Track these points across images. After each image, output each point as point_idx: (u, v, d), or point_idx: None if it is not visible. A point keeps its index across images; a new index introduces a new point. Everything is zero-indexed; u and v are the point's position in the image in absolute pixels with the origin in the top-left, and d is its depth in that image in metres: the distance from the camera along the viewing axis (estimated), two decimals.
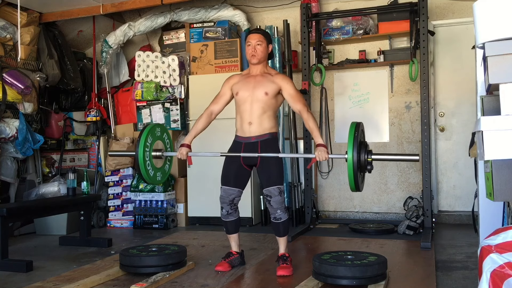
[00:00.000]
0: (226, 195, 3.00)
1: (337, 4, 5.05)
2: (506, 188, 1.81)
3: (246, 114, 2.96)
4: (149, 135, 2.96)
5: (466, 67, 4.61)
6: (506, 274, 1.60)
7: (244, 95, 2.96)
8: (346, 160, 2.60)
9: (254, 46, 2.96)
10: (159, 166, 3.08)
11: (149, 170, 2.96)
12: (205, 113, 3.08)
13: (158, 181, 3.10)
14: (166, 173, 3.18)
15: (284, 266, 2.91)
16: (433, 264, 3.08)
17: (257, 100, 2.93)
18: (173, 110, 4.97)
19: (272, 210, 2.94)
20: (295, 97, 2.94)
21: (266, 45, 2.99)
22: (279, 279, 2.80)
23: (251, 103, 2.94)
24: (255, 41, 2.96)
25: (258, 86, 2.94)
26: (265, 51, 2.99)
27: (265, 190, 2.93)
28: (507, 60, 1.79)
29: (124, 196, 4.96)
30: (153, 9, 5.32)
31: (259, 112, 2.94)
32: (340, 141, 5.07)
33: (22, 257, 3.50)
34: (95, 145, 5.40)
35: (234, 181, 3.01)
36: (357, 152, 2.57)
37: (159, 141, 3.09)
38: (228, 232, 3.11)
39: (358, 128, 2.66)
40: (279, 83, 2.95)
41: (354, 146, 2.58)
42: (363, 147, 2.63)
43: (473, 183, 2.82)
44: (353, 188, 2.64)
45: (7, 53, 4.52)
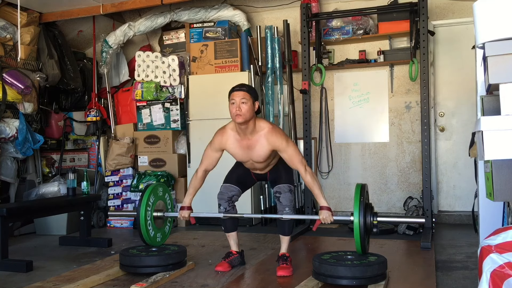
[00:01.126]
0: (226, 191, 3.03)
1: (337, 4, 5.05)
2: (506, 188, 1.81)
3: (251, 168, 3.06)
4: (151, 195, 3.00)
5: (466, 67, 4.61)
6: (506, 274, 1.60)
7: (243, 158, 2.96)
8: (352, 223, 2.64)
9: (239, 104, 2.75)
10: (159, 227, 3.12)
11: (149, 231, 2.99)
12: (199, 173, 3.03)
13: (158, 242, 3.10)
14: (166, 235, 3.22)
15: (284, 266, 2.91)
16: (433, 264, 3.08)
17: (257, 160, 2.93)
18: (173, 110, 4.97)
19: (280, 207, 2.93)
20: (292, 158, 2.83)
21: (252, 103, 2.78)
22: (279, 279, 2.80)
23: (252, 163, 2.98)
24: (239, 99, 2.76)
25: (253, 154, 2.89)
26: (251, 109, 2.78)
27: (275, 187, 2.96)
28: (507, 60, 1.79)
29: (124, 196, 4.96)
30: (153, 9, 5.32)
31: (261, 166, 3.00)
32: (340, 141, 5.07)
33: (22, 257, 3.50)
34: (95, 145, 5.40)
35: (237, 181, 3.05)
36: (363, 216, 2.59)
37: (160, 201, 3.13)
38: (226, 230, 3.11)
39: (364, 191, 2.68)
40: (272, 144, 2.82)
41: (360, 210, 2.60)
42: (368, 210, 2.65)
43: (473, 183, 2.82)
44: (359, 251, 2.67)
45: (7, 53, 4.52)
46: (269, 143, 2.83)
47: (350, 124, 5.05)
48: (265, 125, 2.86)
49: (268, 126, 2.85)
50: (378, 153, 4.95)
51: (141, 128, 5.13)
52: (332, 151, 5.06)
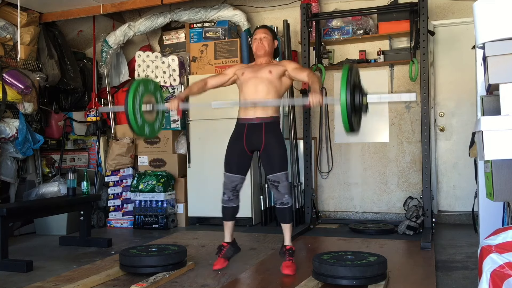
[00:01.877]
0: (229, 182, 3.06)
1: (337, 4, 5.05)
2: (506, 188, 1.81)
3: (249, 94, 3.00)
4: (138, 88, 2.84)
5: (466, 67, 4.61)
6: (506, 274, 1.60)
7: (249, 75, 3.03)
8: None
9: (261, 39, 3.07)
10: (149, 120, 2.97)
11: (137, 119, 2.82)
12: (201, 81, 3.15)
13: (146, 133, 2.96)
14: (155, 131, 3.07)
15: (290, 263, 2.92)
16: (433, 264, 3.08)
17: (261, 80, 2.99)
18: (173, 110, 4.96)
19: (279, 196, 2.98)
20: (299, 68, 3.07)
21: (271, 39, 3.11)
22: (279, 279, 2.79)
23: (256, 84, 2.99)
24: (261, 35, 3.08)
25: (262, 68, 3.04)
26: (271, 45, 3.10)
27: (271, 176, 2.97)
28: (507, 60, 1.79)
29: (124, 196, 4.96)
30: (153, 9, 5.32)
31: (263, 92, 2.97)
32: (339, 141, 5.07)
33: (22, 257, 3.50)
34: (95, 145, 5.40)
35: (236, 168, 3.05)
36: (350, 93, 2.48)
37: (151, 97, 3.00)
38: (225, 218, 3.12)
39: (352, 70, 2.57)
40: (283, 63, 3.08)
41: (347, 87, 2.50)
42: (357, 89, 2.55)
43: (473, 183, 2.82)
44: (347, 129, 2.56)
45: (7, 53, 4.52)
46: (280, 65, 3.06)
47: None
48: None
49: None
50: (378, 153, 4.95)
51: None
52: (332, 151, 5.05)
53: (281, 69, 3.01)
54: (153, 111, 3.00)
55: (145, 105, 2.91)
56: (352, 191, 5.04)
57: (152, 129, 3.02)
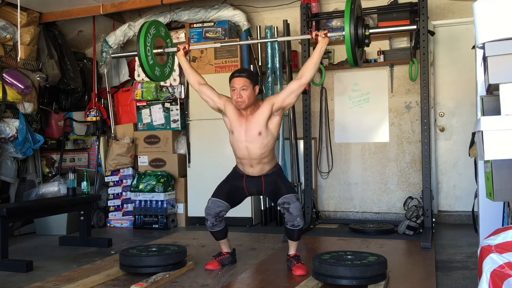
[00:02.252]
0: (213, 207, 2.96)
1: (337, 4, 5.05)
2: (506, 188, 1.81)
3: (245, 159, 2.93)
4: (148, 31, 2.94)
5: (466, 67, 4.61)
6: (506, 274, 1.60)
7: (238, 136, 2.90)
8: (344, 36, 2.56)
9: (239, 91, 2.82)
10: (162, 63, 3.11)
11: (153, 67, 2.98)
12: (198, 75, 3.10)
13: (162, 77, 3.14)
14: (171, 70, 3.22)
15: (300, 265, 2.91)
16: (433, 264, 3.08)
17: (251, 142, 2.87)
18: (173, 110, 4.98)
19: (291, 218, 2.83)
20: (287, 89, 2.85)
21: (252, 88, 2.84)
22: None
23: (247, 148, 2.89)
24: (239, 86, 2.81)
25: (250, 128, 2.88)
26: (252, 95, 2.85)
27: (282, 198, 2.86)
28: (507, 60, 1.78)
29: (124, 196, 4.96)
30: (153, 9, 5.32)
31: (257, 156, 2.89)
32: (339, 141, 5.07)
33: (22, 257, 3.50)
34: (95, 145, 5.40)
35: (226, 196, 2.98)
36: (354, 26, 2.49)
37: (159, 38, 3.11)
38: (216, 239, 3.13)
39: (355, 3, 2.57)
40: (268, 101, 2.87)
41: (351, 20, 2.50)
42: (360, 21, 2.56)
43: (473, 183, 2.82)
44: (351, 63, 2.56)
45: (7, 53, 4.52)
46: (266, 103, 2.87)
47: (350, 124, 5.05)
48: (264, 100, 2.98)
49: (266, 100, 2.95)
50: (378, 153, 4.95)
51: (141, 128, 5.13)
52: (332, 151, 5.05)
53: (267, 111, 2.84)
54: (164, 53, 3.10)
55: (155, 48, 3.02)
56: (352, 191, 5.03)
57: (162, 72, 3.12)
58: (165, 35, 3.19)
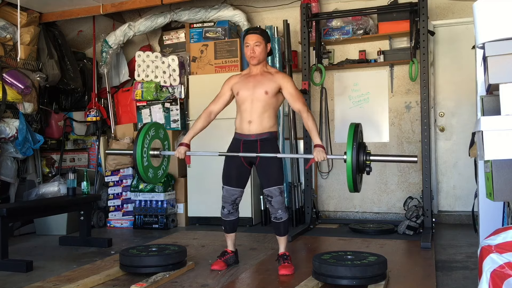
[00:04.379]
0: (229, 195, 3.03)
1: (337, 4, 5.05)
2: (506, 188, 1.81)
3: (246, 113, 2.98)
4: (147, 133, 2.95)
5: (466, 67, 4.62)
6: (506, 274, 1.60)
7: (244, 95, 2.97)
8: (345, 161, 2.60)
9: (253, 47, 2.94)
10: (156, 165, 3.07)
11: (147, 169, 2.93)
12: (204, 113, 3.09)
13: (154, 180, 3.07)
14: (164, 173, 3.16)
15: (286, 265, 2.92)
16: (433, 264, 3.08)
17: (257, 99, 2.94)
18: (173, 110, 4.98)
19: (273, 210, 2.96)
20: (295, 96, 2.96)
21: (264, 45, 2.98)
22: (280, 278, 2.80)
23: (252, 102, 2.95)
24: (253, 42, 2.94)
25: (258, 86, 2.96)
26: (264, 51, 2.98)
27: (265, 190, 2.96)
28: (507, 60, 1.79)
29: (124, 196, 4.96)
30: (153, 9, 5.32)
31: (259, 111, 2.95)
32: (340, 141, 5.07)
33: (22, 257, 3.50)
34: (95, 145, 5.40)
35: (235, 181, 3.03)
36: (356, 154, 2.57)
37: (157, 140, 3.08)
38: (226, 231, 3.14)
39: (357, 129, 2.67)
40: (279, 81, 2.96)
41: (353, 148, 2.58)
42: (362, 149, 2.63)
43: (473, 183, 2.82)
44: (351, 189, 2.64)
45: (7, 53, 4.52)
46: (277, 79, 2.96)
47: None
48: (275, 70, 3.09)
49: (277, 70, 3.08)
50: (378, 153, 4.95)
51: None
52: (332, 151, 5.05)
53: (276, 86, 2.94)
54: (160, 156, 3.08)
55: (152, 151, 3.00)
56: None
57: (155, 174, 3.09)
58: (163, 137, 3.15)
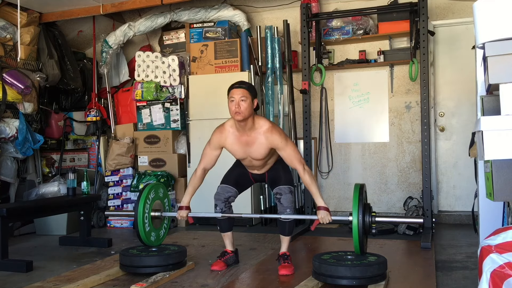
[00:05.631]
0: (223, 192, 3.03)
1: (337, 4, 5.05)
2: (506, 188, 1.81)
3: (248, 167, 3.07)
4: (147, 197, 2.98)
5: (466, 67, 4.62)
6: (506, 274, 1.60)
7: (241, 156, 2.98)
8: (351, 222, 2.62)
9: (238, 102, 2.76)
10: (157, 227, 3.11)
11: (147, 229, 2.97)
12: (198, 172, 3.03)
13: (157, 242, 3.10)
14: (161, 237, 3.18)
15: (285, 265, 2.92)
16: (433, 264, 3.08)
17: (255, 159, 2.95)
18: (173, 110, 4.97)
19: (282, 208, 2.94)
20: (291, 156, 2.85)
21: (251, 101, 2.80)
22: (280, 278, 2.80)
23: (251, 161, 2.99)
24: (238, 97, 2.77)
25: (251, 151, 2.90)
26: (250, 107, 2.79)
27: (276, 188, 2.97)
28: (507, 60, 1.79)
29: (124, 196, 4.96)
30: (153, 9, 5.32)
31: (261, 165, 3.02)
32: (339, 141, 5.07)
33: (22, 257, 3.50)
34: (95, 145, 5.40)
35: (234, 182, 3.06)
36: (362, 216, 2.58)
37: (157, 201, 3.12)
38: (221, 230, 3.13)
39: (362, 191, 2.68)
40: (271, 143, 2.84)
41: (359, 210, 2.59)
42: (367, 210, 2.64)
43: (473, 183, 2.82)
44: (357, 251, 2.65)
45: (7, 53, 4.52)
46: (268, 141, 2.84)
47: (350, 124, 5.05)
48: (264, 122, 2.88)
49: (267, 124, 2.87)
50: (378, 153, 4.95)
51: (141, 128, 5.13)
52: (332, 151, 5.06)
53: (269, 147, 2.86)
54: (161, 217, 3.11)
55: (153, 213, 3.03)
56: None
57: (158, 236, 3.12)
58: (163, 196, 3.16)
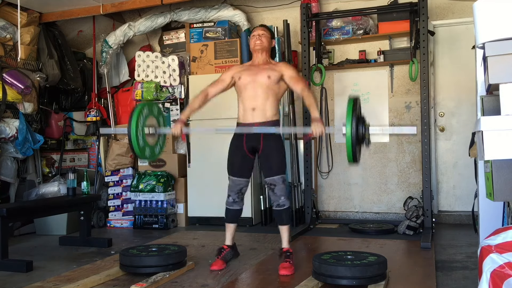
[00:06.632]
0: (234, 185, 3.09)
1: (337, 4, 5.05)
2: (506, 188, 1.82)
3: (249, 100, 3.02)
4: (141, 113, 2.90)
5: (466, 67, 4.61)
6: (506, 274, 1.60)
7: (247, 80, 3.03)
8: (344, 133, 2.59)
9: (259, 35, 3.08)
10: (152, 143, 3.04)
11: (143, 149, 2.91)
12: (201, 93, 3.13)
13: (152, 157, 3.07)
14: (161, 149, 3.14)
15: (286, 265, 2.92)
16: (433, 264, 3.08)
17: (260, 85, 2.99)
18: (173, 110, 4.97)
19: (275, 198, 3.00)
20: (296, 78, 3.03)
21: (269, 37, 3.12)
22: (280, 278, 2.79)
23: (254, 88, 3.00)
24: (259, 33, 3.09)
25: (260, 72, 3.03)
26: (269, 43, 3.11)
27: (268, 179, 3.01)
28: (507, 60, 1.79)
29: (124, 196, 4.96)
30: (153, 9, 5.32)
31: (262, 97, 2.99)
32: (340, 141, 5.06)
33: (22, 257, 3.49)
34: (95, 145, 5.40)
35: (240, 171, 3.08)
36: (355, 126, 2.56)
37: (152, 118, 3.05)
38: (227, 220, 3.16)
39: (356, 103, 2.65)
40: (281, 68, 3.04)
41: (352, 120, 2.56)
42: (360, 122, 2.62)
43: (473, 183, 2.82)
44: (350, 160, 2.62)
45: (7, 53, 4.52)
46: (277, 70, 3.03)
47: None
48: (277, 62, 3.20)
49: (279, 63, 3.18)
50: (378, 153, 4.95)
51: None
52: (332, 151, 5.05)
53: (278, 74, 3.01)
54: (155, 134, 3.06)
55: (147, 128, 2.97)
56: (352, 191, 5.03)
57: (153, 152, 3.07)
58: (157, 114, 3.12)
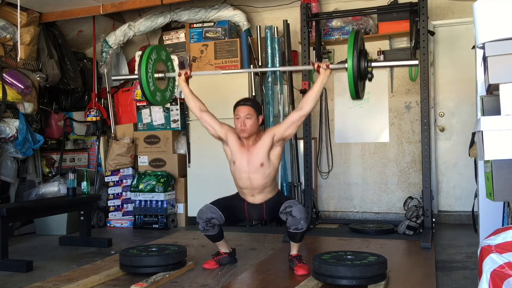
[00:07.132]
0: (206, 211, 2.95)
1: (337, 4, 5.05)
2: (506, 188, 1.82)
3: (246, 189, 2.95)
4: (150, 57, 2.90)
5: (466, 67, 4.61)
6: (506, 274, 1.60)
7: (240, 166, 2.91)
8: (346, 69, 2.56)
9: (243, 120, 2.86)
10: (163, 88, 3.08)
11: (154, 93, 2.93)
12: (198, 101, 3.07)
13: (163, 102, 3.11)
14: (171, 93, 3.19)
15: (302, 265, 2.90)
16: (433, 264, 3.08)
17: (254, 173, 2.89)
18: (173, 110, 4.98)
19: (294, 222, 2.77)
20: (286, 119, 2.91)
21: (256, 118, 2.89)
22: (279, 278, 2.80)
23: (250, 179, 2.91)
24: (244, 115, 2.87)
25: (252, 159, 2.89)
26: (255, 125, 2.89)
27: (282, 205, 2.84)
28: (507, 60, 1.79)
29: (124, 196, 4.96)
30: (153, 9, 5.32)
31: (259, 185, 2.91)
32: (340, 141, 5.07)
33: (22, 257, 3.49)
34: (95, 145, 5.40)
35: (223, 207, 2.97)
36: (357, 60, 2.51)
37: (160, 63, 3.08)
38: (211, 241, 3.12)
39: (358, 37, 2.59)
40: (270, 132, 2.90)
41: (354, 54, 2.52)
42: (363, 55, 2.57)
43: (473, 183, 2.82)
44: (353, 95, 2.58)
45: (7, 53, 4.52)
46: (267, 134, 2.90)
47: (350, 124, 5.05)
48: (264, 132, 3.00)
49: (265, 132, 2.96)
50: (378, 153, 4.95)
51: (141, 128, 5.13)
52: (332, 151, 5.05)
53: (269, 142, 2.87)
54: (165, 78, 3.07)
55: (157, 73, 2.98)
56: (352, 191, 5.03)
57: (163, 96, 3.08)
58: (166, 59, 3.13)
